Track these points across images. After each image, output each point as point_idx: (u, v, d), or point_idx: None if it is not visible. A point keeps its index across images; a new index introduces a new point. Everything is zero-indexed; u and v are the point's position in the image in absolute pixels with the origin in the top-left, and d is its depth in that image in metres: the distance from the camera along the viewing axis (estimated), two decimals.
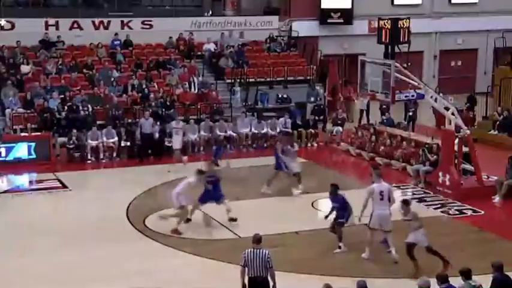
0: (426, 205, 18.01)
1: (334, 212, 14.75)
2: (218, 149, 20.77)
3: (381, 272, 13.57)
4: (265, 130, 24.72)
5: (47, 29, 27.50)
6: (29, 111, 23.86)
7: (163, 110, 24.26)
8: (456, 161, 19.06)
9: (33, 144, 22.34)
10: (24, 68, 25.90)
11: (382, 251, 14.27)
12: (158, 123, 23.17)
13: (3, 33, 26.78)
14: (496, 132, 24.96)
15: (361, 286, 9.89)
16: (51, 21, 27.53)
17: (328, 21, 32.77)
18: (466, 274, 10.25)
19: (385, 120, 24.87)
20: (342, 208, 14.61)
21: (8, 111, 23.87)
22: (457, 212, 17.50)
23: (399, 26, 19.48)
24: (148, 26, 28.82)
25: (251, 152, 24.34)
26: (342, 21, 32.86)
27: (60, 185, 20.00)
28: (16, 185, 20.47)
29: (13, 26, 27.00)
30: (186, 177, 16.14)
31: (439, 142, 19.72)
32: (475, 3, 35.31)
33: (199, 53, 28.90)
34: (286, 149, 19.03)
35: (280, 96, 27.78)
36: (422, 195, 18.87)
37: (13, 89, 24.46)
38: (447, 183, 18.62)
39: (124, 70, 27.16)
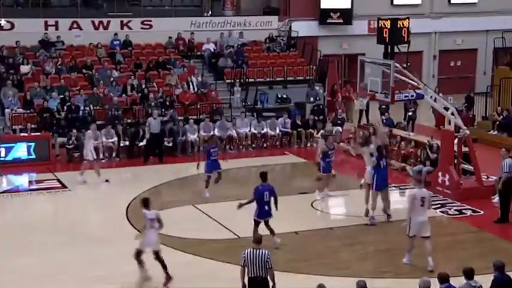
0: None
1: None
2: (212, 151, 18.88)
3: (380, 272, 13.57)
4: (264, 130, 24.74)
5: (46, 29, 27.44)
6: (28, 111, 23.85)
7: (163, 110, 24.24)
8: (456, 161, 19.07)
9: (32, 144, 22.33)
10: (24, 68, 25.88)
11: (383, 251, 14.26)
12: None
13: (3, 33, 26.72)
14: (496, 132, 24.99)
15: (361, 286, 9.88)
16: (51, 21, 27.51)
17: (328, 21, 32.75)
18: (468, 274, 10.23)
19: (384, 121, 24.85)
20: (259, 198, 14.22)
21: (7, 111, 23.85)
22: (456, 212, 17.51)
23: (399, 26, 19.36)
24: (147, 26, 28.80)
25: (251, 152, 24.34)
26: (342, 21, 32.82)
27: (60, 185, 20.01)
28: (15, 185, 20.45)
29: (13, 26, 26.94)
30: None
31: (438, 142, 19.71)
32: (475, 3, 35.31)
33: (198, 53, 28.91)
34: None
35: (279, 96, 27.75)
36: None
37: (12, 89, 24.45)
38: (447, 183, 18.62)
39: (123, 70, 27.13)
